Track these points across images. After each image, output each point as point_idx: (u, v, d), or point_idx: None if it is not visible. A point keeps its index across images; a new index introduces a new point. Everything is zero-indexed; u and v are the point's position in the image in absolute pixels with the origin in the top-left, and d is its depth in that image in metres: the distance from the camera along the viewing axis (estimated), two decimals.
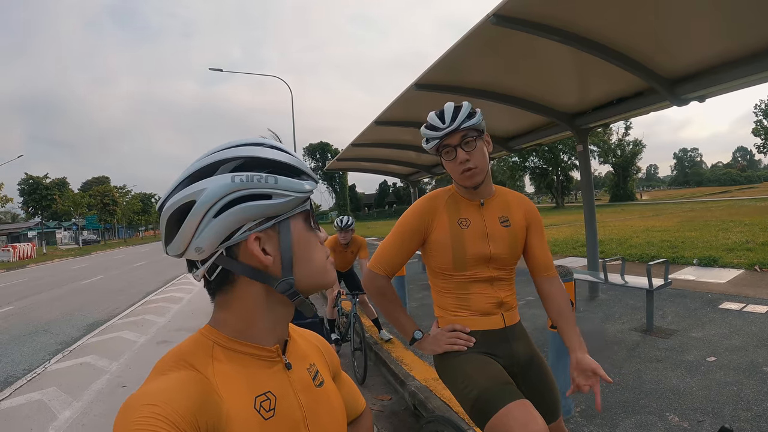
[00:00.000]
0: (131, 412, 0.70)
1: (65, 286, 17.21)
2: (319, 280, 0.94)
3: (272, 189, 0.83)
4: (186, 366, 0.82)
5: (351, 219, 6.19)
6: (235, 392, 0.83)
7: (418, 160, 12.37)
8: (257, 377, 0.88)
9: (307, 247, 0.91)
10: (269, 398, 0.87)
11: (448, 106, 2.00)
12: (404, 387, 4.84)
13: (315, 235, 0.93)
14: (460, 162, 1.97)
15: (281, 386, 0.90)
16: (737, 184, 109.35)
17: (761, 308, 6.21)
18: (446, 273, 2.08)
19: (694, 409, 3.67)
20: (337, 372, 1.20)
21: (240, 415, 0.81)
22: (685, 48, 5.16)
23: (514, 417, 1.73)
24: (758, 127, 51.46)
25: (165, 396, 0.73)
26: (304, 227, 0.91)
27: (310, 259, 0.91)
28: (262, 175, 0.83)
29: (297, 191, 0.86)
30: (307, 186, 0.88)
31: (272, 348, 0.92)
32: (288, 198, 0.85)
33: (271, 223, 0.86)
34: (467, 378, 1.94)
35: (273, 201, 0.84)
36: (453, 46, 5.31)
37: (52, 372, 6.58)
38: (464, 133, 1.96)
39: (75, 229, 66.33)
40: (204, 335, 0.89)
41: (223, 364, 0.85)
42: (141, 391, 0.75)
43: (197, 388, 0.78)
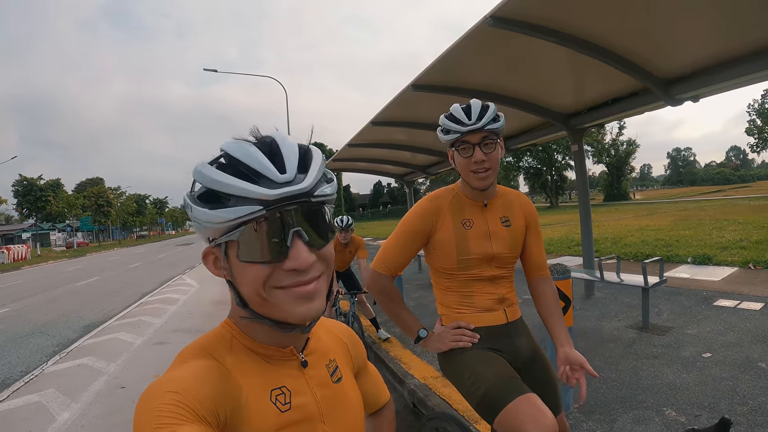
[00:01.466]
0: (153, 399, 0.72)
1: (60, 288, 17.14)
2: (265, 310, 0.83)
3: (193, 218, 0.79)
4: (206, 355, 0.84)
5: (350, 219, 6.21)
6: (252, 383, 0.84)
7: (413, 161, 12.37)
8: (272, 372, 0.89)
9: (238, 274, 0.81)
10: (284, 392, 0.88)
11: (475, 103, 1.99)
12: (403, 385, 4.86)
13: (248, 268, 0.79)
14: (475, 161, 1.97)
15: (296, 383, 0.91)
16: (731, 183, 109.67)
17: (755, 305, 6.27)
18: (450, 272, 2.10)
19: (690, 404, 3.72)
20: (363, 365, 1.21)
21: (258, 405, 0.82)
22: (680, 49, 5.20)
23: (524, 411, 1.75)
24: (751, 126, 51.73)
25: (186, 383, 0.75)
26: (234, 254, 0.80)
27: (244, 286, 0.81)
28: (187, 203, 0.80)
29: (211, 222, 0.77)
30: (228, 214, 0.75)
31: (285, 350, 0.92)
32: (204, 227, 0.79)
33: (212, 243, 0.82)
34: (474, 374, 1.96)
35: (200, 225, 0.79)
36: (450, 47, 5.33)
37: (50, 374, 6.58)
38: (486, 134, 1.97)
39: (69, 230, 66.00)
40: (225, 328, 0.91)
41: (240, 356, 0.87)
42: (163, 379, 0.77)
43: (217, 376, 0.79)
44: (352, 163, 13.93)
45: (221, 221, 0.76)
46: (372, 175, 16.63)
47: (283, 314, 0.82)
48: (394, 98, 7.19)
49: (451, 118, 2.01)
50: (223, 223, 0.76)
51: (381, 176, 17.92)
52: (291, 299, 0.80)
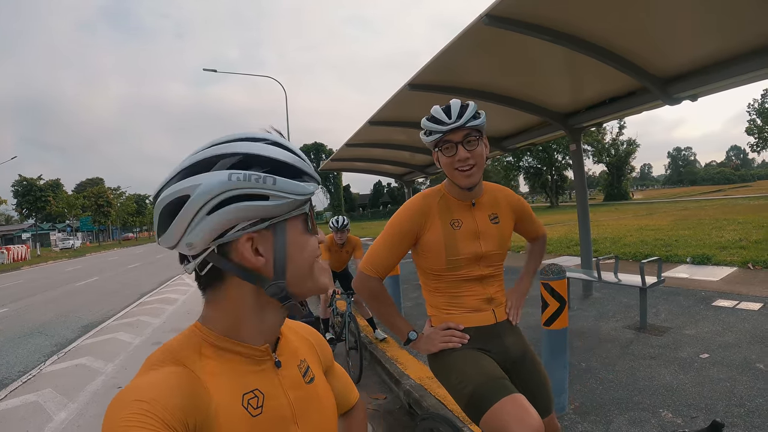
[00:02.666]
0: (121, 408, 0.71)
1: (60, 288, 17.17)
2: (313, 285, 0.92)
3: (270, 190, 0.81)
4: (175, 362, 0.82)
5: (346, 219, 6.21)
6: (222, 389, 0.83)
7: (412, 160, 12.38)
8: (245, 375, 0.88)
9: (302, 251, 0.88)
10: (257, 396, 0.87)
11: (454, 103, 2.01)
12: (399, 386, 4.85)
13: (311, 239, 0.91)
14: (459, 159, 1.98)
15: (269, 384, 0.90)
16: (731, 182, 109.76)
17: (754, 305, 6.25)
18: (438, 273, 2.10)
19: (687, 406, 3.70)
20: (330, 365, 1.20)
21: (228, 412, 0.81)
22: (677, 48, 5.19)
23: (509, 411, 1.75)
24: (752, 126, 51.74)
25: (154, 392, 0.73)
26: (301, 230, 0.89)
27: (304, 264, 0.89)
28: (260, 175, 0.80)
29: (296, 194, 0.84)
30: (308, 188, 0.86)
31: (262, 348, 0.91)
32: (286, 200, 0.83)
33: (266, 224, 0.84)
34: (461, 374, 1.96)
35: (270, 202, 0.81)
36: (446, 46, 5.32)
37: (48, 374, 6.58)
38: (468, 132, 1.98)
39: (69, 230, 66.05)
40: (193, 332, 0.89)
41: (211, 360, 0.85)
42: (130, 387, 0.76)
43: (186, 384, 0.78)
44: (351, 163, 13.95)
45: (309, 192, 0.87)
46: (371, 175, 16.64)
47: (319, 285, 0.94)
48: (391, 98, 7.19)
49: (432, 119, 2.05)
50: (306, 195, 0.87)
51: (380, 176, 17.94)
52: (320, 270, 0.95)
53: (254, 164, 0.82)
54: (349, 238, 6.32)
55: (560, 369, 3.71)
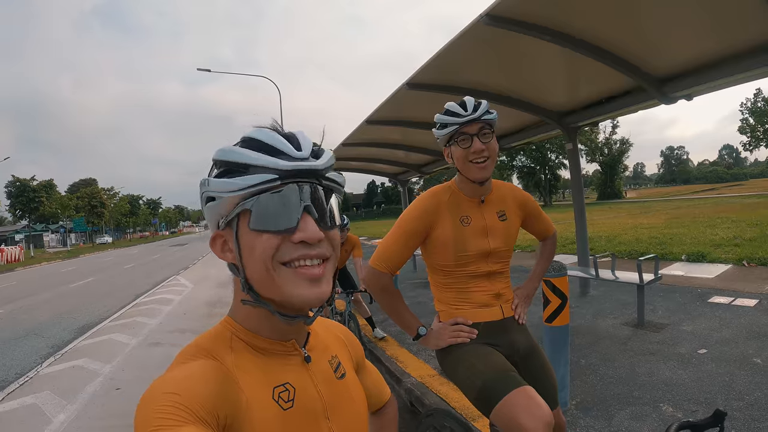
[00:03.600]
0: (152, 400, 0.71)
1: (55, 289, 17.04)
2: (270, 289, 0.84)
3: (210, 191, 0.84)
4: (206, 355, 0.83)
5: (346, 219, 6.18)
6: (253, 382, 0.83)
7: (407, 160, 12.41)
8: (275, 369, 0.88)
9: (250, 251, 0.83)
10: (288, 389, 0.87)
11: (468, 98, 2.04)
12: (400, 384, 4.87)
13: (260, 238, 0.82)
14: (474, 151, 2.00)
15: (300, 379, 0.91)
16: (724, 181, 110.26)
17: (750, 301, 6.30)
18: (447, 269, 2.12)
19: (687, 400, 3.74)
20: (362, 362, 1.20)
21: (259, 404, 0.81)
22: (673, 47, 5.22)
23: (519, 404, 1.77)
24: (744, 125, 51.91)
25: (185, 384, 0.74)
26: (246, 226, 0.83)
27: (256, 265, 0.83)
28: (205, 178, 0.85)
29: (227, 190, 0.81)
30: (241, 182, 0.80)
31: (287, 343, 0.92)
32: (221, 199, 0.82)
33: (223, 222, 0.85)
34: (471, 368, 1.98)
35: (216, 202, 0.83)
36: (445, 46, 5.34)
37: (45, 376, 6.54)
38: (483, 125, 2.01)
39: (63, 231, 65.77)
40: (224, 326, 0.90)
41: (241, 354, 0.86)
42: (162, 379, 0.76)
43: (217, 377, 0.78)
44: (346, 163, 13.92)
45: (239, 188, 0.80)
46: (366, 174, 16.64)
47: (288, 296, 0.83)
48: (389, 97, 7.21)
49: (448, 113, 2.05)
50: (241, 189, 0.80)
51: (375, 175, 17.89)
52: (297, 279, 0.83)
53: (217, 167, 0.85)
54: (348, 236, 6.31)
55: (562, 365, 3.73)
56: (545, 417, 1.73)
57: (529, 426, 1.71)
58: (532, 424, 1.71)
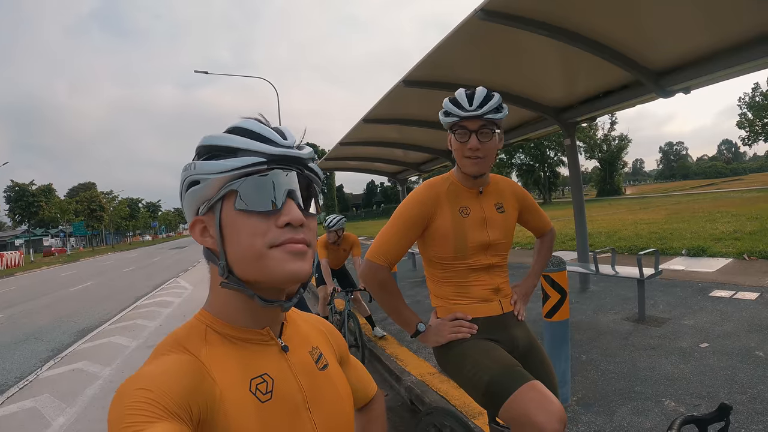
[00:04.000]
0: (125, 397, 0.71)
1: (54, 293, 17.06)
2: (256, 270, 0.84)
3: (195, 174, 0.85)
4: (180, 349, 0.83)
5: (336, 219, 6.11)
6: (228, 375, 0.83)
7: (405, 158, 12.38)
8: (252, 360, 0.88)
9: (237, 231, 0.84)
10: (266, 380, 0.87)
11: (480, 90, 2.00)
12: (400, 383, 4.85)
13: (249, 219, 0.83)
14: (469, 148, 1.97)
15: (279, 369, 0.90)
16: (723, 176, 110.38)
17: (751, 295, 6.28)
18: (446, 262, 2.08)
19: (689, 394, 3.71)
20: (345, 356, 1.19)
21: (234, 398, 0.81)
22: (671, 40, 5.19)
23: (531, 398, 1.73)
24: (743, 119, 51.89)
25: (157, 380, 0.74)
26: (233, 209, 0.84)
27: (243, 244, 0.84)
28: (190, 162, 0.87)
29: (215, 172, 0.83)
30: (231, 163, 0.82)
31: (261, 331, 0.91)
32: (208, 181, 0.84)
33: (205, 206, 0.87)
34: (475, 364, 1.94)
35: (200, 186, 0.85)
36: (440, 42, 5.31)
37: (45, 379, 6.53)
38: (484, 123, 1.97)
39: (62, 236, 65.79)
40: (198, 319, 0.91)
41: (216, 347, 0.86)
42: (135, 376, 0.76)
43: (189, 371, 0.78)
44: (344, 162, 13.91)
45: (227, 169, 0.82)
46: (365, 173, 16.62)
47: (275, 273, 0.84)
48: (386, 95, 7.18)
49: (454, 101, 2.02)
50: (229, 171, 0.82)
51: (374, 175, 17.89)
52: (285, 255, 0.84)
53: (202, 153, 0.87)
54: (346, 236, 6.30)
55: (562, 361, 3.71)
56: (558, 411, 1.70)
57: (543, 421, 1.67)
58: (545, 419, 1.67)
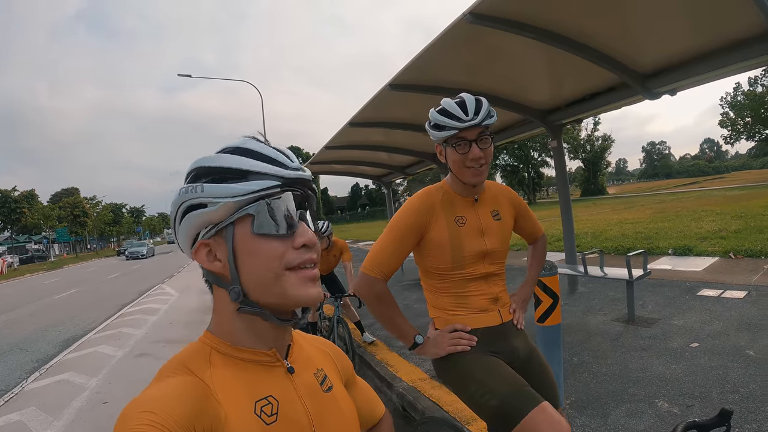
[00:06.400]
0: (129, 419, 0.70)
1: (38, 302, 16.85)
2: (282, 296, 0.85)
3: (202, 198, 0.83)
4: (185, 371, 0.83)
5: (325, 224, 5.94)
6: (233, 397, 0.82)
7: (391, 161, 12.38)
8: (257, 382, 0.87)
9: (253, 256, 0.84)
10: (271, 402, 0.86)
11: (468, 98, 1.95)
12: (391, 389, 4.83)
13: (267, 243, 0.84)
14: (472, 158, 1.93)
15: (284, 391, 0.89)
16: (706, 175, 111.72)
17: (739, 293, 6.34)
18: (443, 273, 2.05)
19: (682, 395, 3.73)
20: (351, 378, 1.18)
21: (239, 420, 0.80)
22: (657, 43, 5.22)
23: (543, 421, 1.73)
24: (725, 118, 52.37)
25: (162, 402, 0.74)
26: (248, 232, 0.84)
27: (259, 269, 0.84)
28: (193, 186, 0.84)
29: (228, 196, 0.82)
30: (244, 188, 0.82)
31: (268, 352, 0.90)
32: (219, 204, 0.82)
33: (213, 230, 0.86)
34: (482, 385, 1.91)
35: (208, 209, 0.83)
36: (428, 45, 5.30)
37: (30, 391, 6.42)
38: (482, 130, 1.94)
39: (46, 242, 65.03)
40: (202, 341, 0.90)
41: (220, 369, 0.85)
42: (139, 398, 0.76)
43: (194, 393, 0.78)
44: (330, 166, 13.86)
45: (243, 193, 0.82)
46: (350, 177, 16.57)
47: (293, 297, 0.86)
48: (372, 99, 7.15)
49: (445, 113, 1.95)
50: (244, 195, 0.82)
51: (359, 178, 17.87)
52: (301, 281, 0.86)
53: (203, 175, 0.85)
54: (334, 241, 6.27)
55: (555, 364, 3.70)
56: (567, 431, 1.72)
57: None
58: None
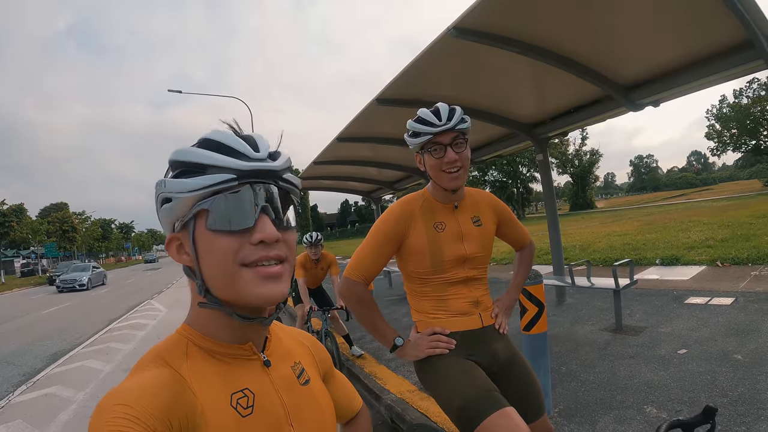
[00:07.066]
0: (104, 412, 0.70)
1: (26, 316, 16.74)
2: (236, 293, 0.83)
3: (166, 192, 0.83)
4: (162, 363, 0.82)
5: (319, 235, 6.19)
6: (209, 389, 0.82)
7: (379, 176, 12.39)
8: (233, 374, 0.87)
9: (208, 251, 0.83)
10: (247, 395, 0.86)
11: (442, 106, 2.03)
12: (380, 401, 4.81)
13: (219, 238, 0.81)
14: (448, 161, 1.97)
15: (260, 384, 0.89)
16: (694, 186, 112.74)
17: (726, 300, 6.40)
18: (423, 277, 2.08)
19: (671, 400, 3.74)
20: (329, 370, 1.18)
21: (215, 412, 0.80)
22: (639, 55, 5.30)
23: (501, 426, 1.73)
24: (711, 131, 52.82)
25: (137, 395, 0.73)
26: (205, 228, 0.82)
27: (214, 265, 0.82)
28: (161, 180, 0.84)
29: (185, 190, 0.80)
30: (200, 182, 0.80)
31: (244, 346, 0.90)
32: (179, 199, 0.82)
33: (179, 224, 0.85)
34: (450, 385, 1.94)
35: (172, 203, 0.83)
36: (414, 60, 5.35)
37: (17, 405, 6.35)
38: (456, 134, 1.99)
39: (34, 257, 64.40)
40: (180, 333, 0.90)
41: (197, 361, 0.85)
42: (114, 390, 0.75)
43: (170, 386, 0.78)
44: (318, 182, 13.83)
45: (197, 188, 0.80)
46: (339, 193, 16.56)
47: (247, 296, 0.82)
48: (359, 113, 7.19)
49: (421, 121, 2.03)
50: (199, 190, 0.80)
51: (348, 194, 17.83)
52: (257, 278, 0.82)
53: (173, 169, 0.85)
54: (323, 254, 6.28)
55: (542, 373, 3.71)
56: None
57: None
58: None
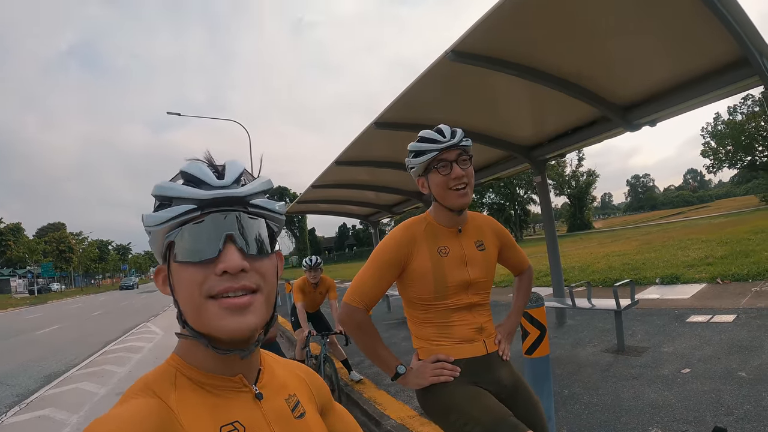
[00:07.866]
0: None
1: (20, 336, 16.67)
2: (198, 322, 0.82)
3: (145, 226, 0.83)
4: (150, 394, 0.80)
5: (319, 258, 6.19)
6: (197, 421, 0.80)
7: (377, 200, 12.35)
8: (223, 407, 0.85)
9: (179, 283, 0.83)
10: (237, 428, 0.83)
11: (444, 126, 2.04)
12: (380, 427, 4.74)
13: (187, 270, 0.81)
14: (454, 177, 1.95)
15: (251, 417, 0.86)
16: (691, 204, 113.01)
17: (728, 317, 6.37)
18: (426, 303, 2.04)
19: (676, 420, 3.70)
20: (328, 404, 1.14)
21: None
22: (636, 76, 5.32)
23: None
24: (706, 148, 53.09)
25: (123, 425, 0.72)
26: (174, 260, 0.82)
27: (185, 296, 0.82)
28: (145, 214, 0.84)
29: (154, 224, 0.82)
30: (162, 215, 0.80)
31: (234, 378, 0.88)
32: (153, 233, 0.83)
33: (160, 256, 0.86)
34: (464, 414, 1.88)
35: (150, 237, 0.84)
36: (412, 83, 5.35)
37: (9, 426, 6.27)
38: (461, 151, 1.98)
39: (30, 277, 64.25)
40: (169, 363, 0.88)
41: (186, 392, 0.83)
42: (100, 419, 0.73)
43: (156, 416, 0.76)
44: (316, 205, 13.78)
45: (162, 220, 0.80)
46: (337, 216, 16.54)
47: (212, 329, 0.81)
48: (358, 137, 7.18)
49: (424, 140, 2.02)
50: (164, 222, 0.80)
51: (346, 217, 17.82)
52: (221, 311, 0.80)
53: (155, 201, 0.85)
54: (322, 278, 6.26)
55: (545, 397, 3.64)
56: None
57: None
58: None
